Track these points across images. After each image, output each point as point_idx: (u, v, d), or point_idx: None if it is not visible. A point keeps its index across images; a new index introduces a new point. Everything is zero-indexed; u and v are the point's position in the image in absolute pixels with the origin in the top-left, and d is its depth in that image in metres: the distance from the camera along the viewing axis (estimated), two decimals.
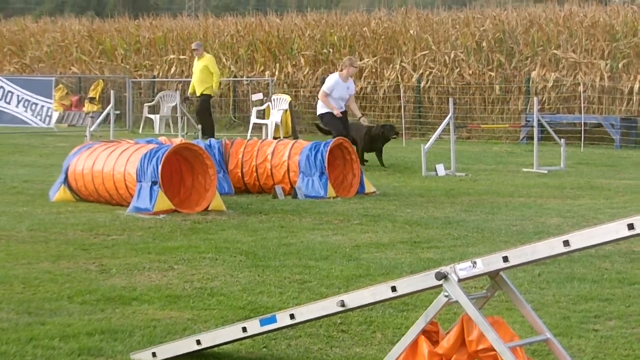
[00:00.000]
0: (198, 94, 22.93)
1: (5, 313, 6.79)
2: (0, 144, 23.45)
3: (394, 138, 18.80)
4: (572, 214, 12.23)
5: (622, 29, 27.23)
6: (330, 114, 17.30)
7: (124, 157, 12.42)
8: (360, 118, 18.26)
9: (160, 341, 6.01)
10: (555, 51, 27.58)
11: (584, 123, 24.55)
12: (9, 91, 29.63)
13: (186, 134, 22.43)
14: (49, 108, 29.46)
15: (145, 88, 34.03)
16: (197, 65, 23.04)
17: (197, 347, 5.51)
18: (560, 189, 15.02)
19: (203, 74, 22.85)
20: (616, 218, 4.41)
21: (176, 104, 22.84)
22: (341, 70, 17.77)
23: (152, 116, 29.95)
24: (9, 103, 29.61)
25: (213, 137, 19.78)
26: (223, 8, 53.41)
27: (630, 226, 4.20)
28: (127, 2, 73.48)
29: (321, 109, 17.65)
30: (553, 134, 19.34)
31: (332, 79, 17.63)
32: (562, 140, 18.73)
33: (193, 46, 23.97)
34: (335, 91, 17.31)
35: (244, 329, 5.34)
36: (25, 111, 29.48)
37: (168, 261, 8.89)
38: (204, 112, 22.97)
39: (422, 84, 28.72)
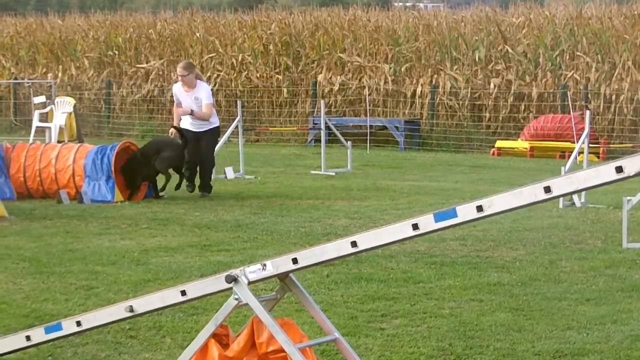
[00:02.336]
0: None
1: None
2: None
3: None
4: (359, 215, 12.45)
5: (404, 33, 27.96)
6: (187, 131, 14.40)
7: None
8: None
9: None
10: (340, 55, 28.06)
11: (370, 126, 25.10)
12: None
13: None
14: None
15: None
16: None
17: None
18: (347, 191, 15.27)
19: None
20: (401, 218, 4.49)
21: None
22: None
23: None
24: None
25: None
26: (1, 7, 51.83)
27: (415, 226, 4.28)
28: None
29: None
30: (340, 137, 19.68)
31: (174, 88, 14.95)
32: (349, 142, 19.09)
33: None
34: (183, 103, 14.57)
35: (28, 338, 5.17)
36: None
37: None
38: None
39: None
